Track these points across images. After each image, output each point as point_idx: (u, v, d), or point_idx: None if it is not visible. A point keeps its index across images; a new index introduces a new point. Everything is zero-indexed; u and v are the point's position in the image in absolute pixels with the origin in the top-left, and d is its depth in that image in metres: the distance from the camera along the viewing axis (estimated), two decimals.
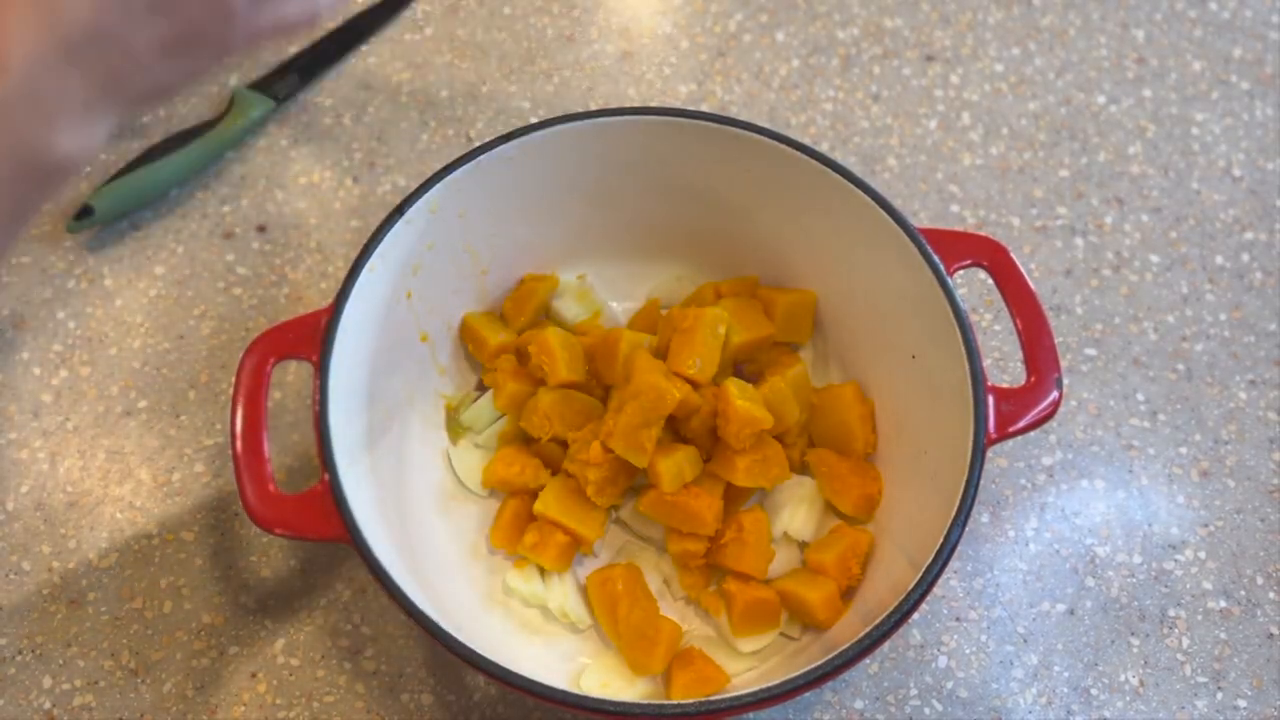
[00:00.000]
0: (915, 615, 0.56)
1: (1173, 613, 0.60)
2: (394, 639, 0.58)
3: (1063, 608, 0.60)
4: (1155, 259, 0.71)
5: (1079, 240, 0.72)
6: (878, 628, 0.46)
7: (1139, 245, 0.72)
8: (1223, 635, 0.59)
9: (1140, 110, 0.78)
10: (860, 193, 0.56)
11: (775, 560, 0.57)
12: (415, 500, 0.58)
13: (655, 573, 0.59)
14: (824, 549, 0.57)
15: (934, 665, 0.58)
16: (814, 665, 0.46)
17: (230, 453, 0.62)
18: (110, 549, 0.60)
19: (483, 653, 0.46)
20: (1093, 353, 0.68)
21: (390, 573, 0.47)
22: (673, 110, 0.58)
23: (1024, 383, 0.53)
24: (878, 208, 0.55)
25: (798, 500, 0.59)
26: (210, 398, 0.64)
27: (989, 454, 0.50)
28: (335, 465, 0.49)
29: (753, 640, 0.56)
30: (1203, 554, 0.61)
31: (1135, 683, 0.58)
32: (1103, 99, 0.78)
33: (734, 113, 0.76)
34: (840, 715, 0.57)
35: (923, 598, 0.47)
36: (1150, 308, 0.69)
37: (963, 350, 0.52)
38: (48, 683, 0.56)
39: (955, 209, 0.73)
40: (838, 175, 0.56)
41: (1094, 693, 0.57)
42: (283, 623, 0.58)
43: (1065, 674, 0.58)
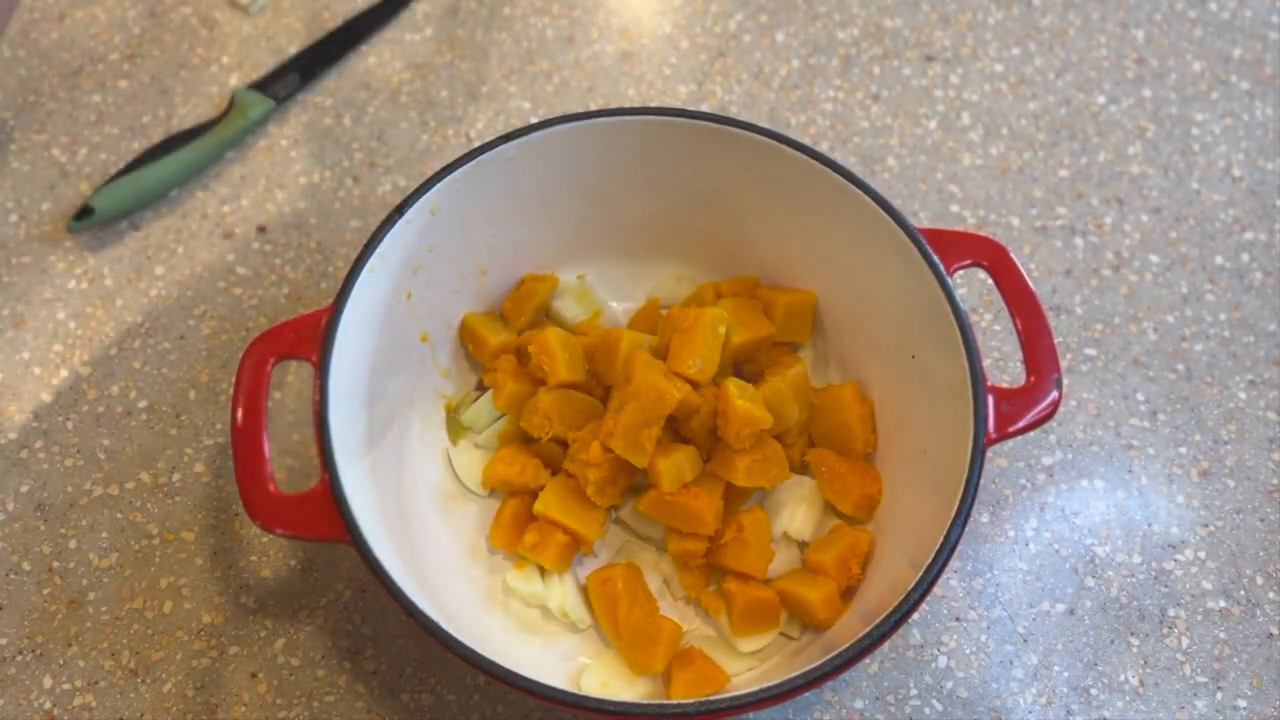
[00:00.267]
0: (915, 615, 0.56)
1: (1172, 613, 0.60)
2: (394, 639, 0.58)
3: (1063, 608, 0.60)
4: (1155, 259, 0.71)
5: (1079, 240, 0.72)
6: (878, 628, 0.46)
7: (1139, 245, 0.72)
8: (1222, 635, 0.59)
9: (1140, 110, 0.78)
10: (860, 193, 0.56)
11: (775, 560, 0.57)
12: (415, 500, 0.58)
13: (655, 573, 0.59)
14: (824, 549, 0.57)
15: (934, 665, 0.58)
16: (814, 665, 0.46)
17: (230, 453, 0.62)
18: (110, 549, 0.60)
19: (483, 653, 0.46)
20: (1093, 353, 0.68)
21: (390, 573, 0.47)
22: (673, 110, 0.58)
23: (1024, 383, 0.53)
24: (878, 208, 0.55)
25: (798, 500, 0.59)
26: (210, 398, 0.64)
27: (989, 454, 0.50)
28: (335, 465, 0.49)
29: (753, 640, 0.56)
30: (1202, 554, 0.61)
31: (1135, 683, 0.58)
32: (1103, 99, 0.78)
33: (734, 113, 0.76)
34: (840, 715, 0.57)
35: (923, 598, 0.47)
36: (1150, 308, 0.69)
37: (963, 350, 0.52)
38: (48, 683, 0.56)
39: (955, 209, 0.73)
40: (838, 175, 0.56)
41: (1094, 693, 0.57)
42: (283, 623, 0.58)
43: (1065, 674, 0.58)
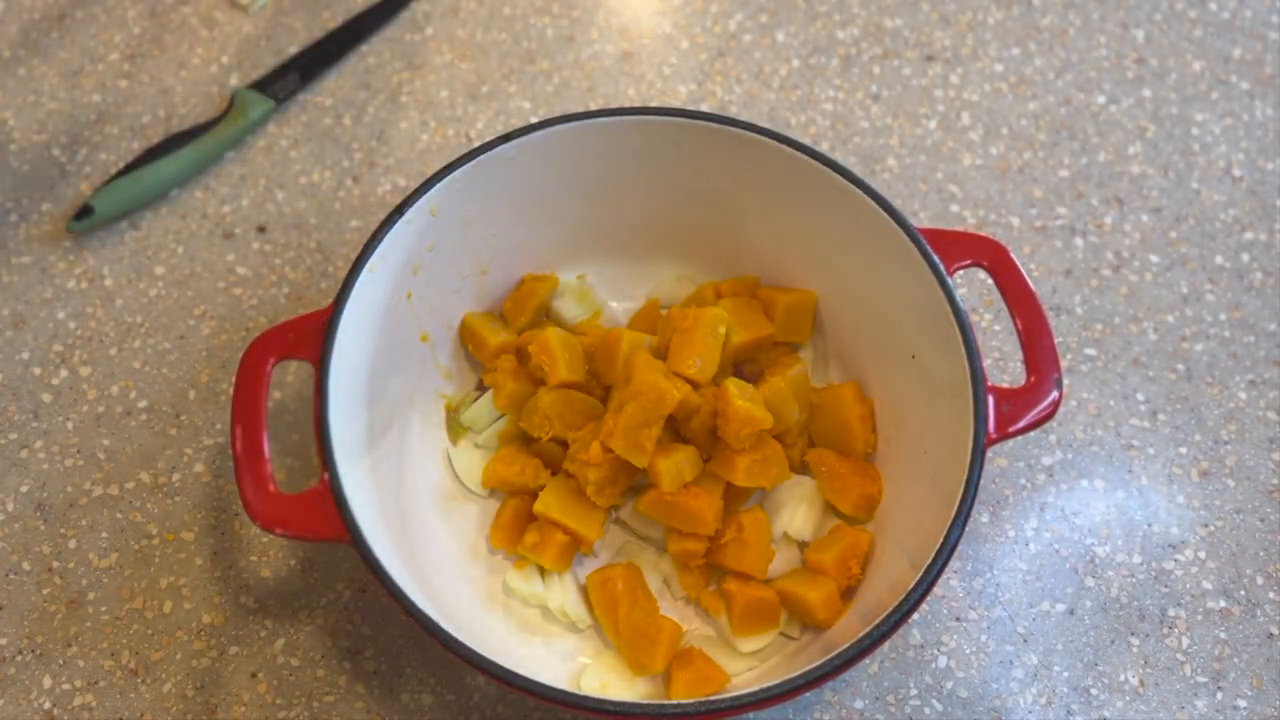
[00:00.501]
0: (915, 615, 0.56)
1: (1173, 613, 0.60)
2: (394, 639, 0.58)
3: (1063, 608, 0.60)
4: (1155, 259, 0.71)
5: (1079, 240, 0.72)
6: (878, 628, 0.46)
7: (1139, 245, 0.72)
8: (1223, 635, 0.59)
9: (1140, 110, 0.78)
10: (860, 193, 0.56)
11: (775, 560, 0.57)
12: (415, 500, 0.58)
13: (655, 573, 0.59)
14: (824, 549, 0.57)
15: (934, 665, 0.58)
16: (814, 665, 0.46)
17: (230, 453, 0.62)
18: (110, 549, 0.60)
19: (483, 653, 0.46)
20: (1093, 353, 0.68)
21: (390, 573, 0.47)
22: (673, 110, 0.58)
23: (1024, 383, 0.53)
24: (878, 208, 0.55)
25: (798, 500, 0.59)
26: (210, 398, 0.64)
27: (989, 454, 0.50)
28: (335, 465, 0.49)
29: (753, 640, 0.56)
30: (1203, 554, 0.61)
31: (1135, 683, 0.58)
32: (1103, 99, 0.78)
33: (734, 113, 0.76)
34: (840, 715, 0.57)
35: (923, 598, 0.47)
36: (1150, 308, 0.69)
37: (963, 350, 0.52)
38: (48, 683, 0.56)
39: (955, 209, 0.73)
40: (838, 175, 0.56)
41: (1094, 693, 0.57)
42: (283, 623, 0.58)
43: (1065, 674, 0.58)
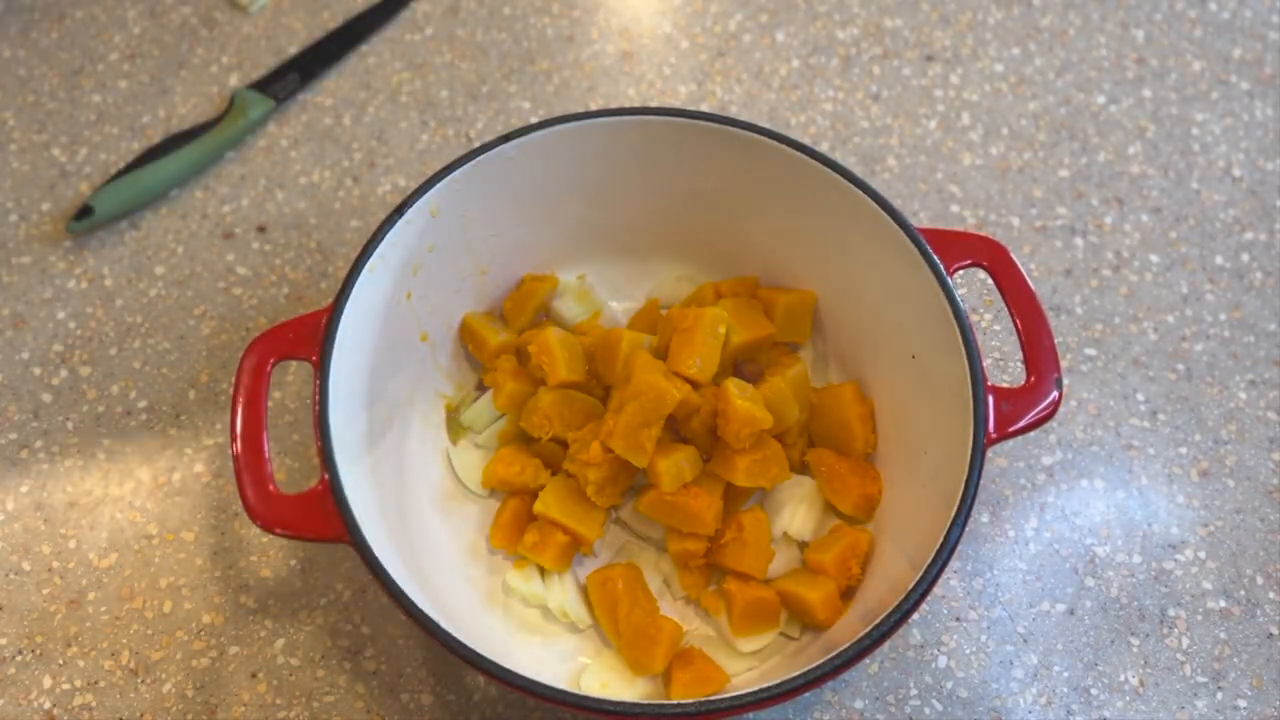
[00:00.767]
0: (915, 615, 0.56)
1: (1173, 613, 0.60)
2: (394, 639, 0.58)
3: (1063, 608, 0.60)
4: (1155, 259, 0.71)
5: (1079, 240, 0.72)
6: (878, 628, 0.46)
7: (1139, 245, 0.72)
8: (1223, 635, 0.59)
9: (1140, 110, 0.78)
10: (860, 193, 0.56)
11: (775, 560, 0.57)
12: (415, 500, 0.58)
13: (655, 573, 0.59)
14: (824, 549, 0.57)
15: (934, 665, 0.58)
16: (814, 665, 0.46)
17: (230, 453, 0.62)
18: (110, 549, 0.60)
19: (483, 653, 0.46)
20: (1093, 353, 0.68)
21: (390, 573, 0.47)
22: (673, 110, 0.58)
23: (1024, 383, 0.53)
24: (878, 208, 0.55)
25: (798, 500, 0.59)
26: (210, 398, 0.64)
27: (989, 454, 0.50)
28: (335, 465, 0.49)
29: (753, 640, 0.56)
30: (1203, 554, 0.61)
31: (1135, 683, 0.58)
32: (1103, 99, 0.78)
33: (734, 113, 0.76)
34: (840, 715, 0.57)
35: (923, 598, 0.47)
36: (1150, 308, 0.69)
37: (963, 350, 0.52)
38: (48, 683, 0.56)
39: (955, 209, 0.73)
40: (838, 175, 0.56)
41: (1094, 693, 0.57)
42: (283, 623, 0.58)
43: (1065, 674, 0.58)
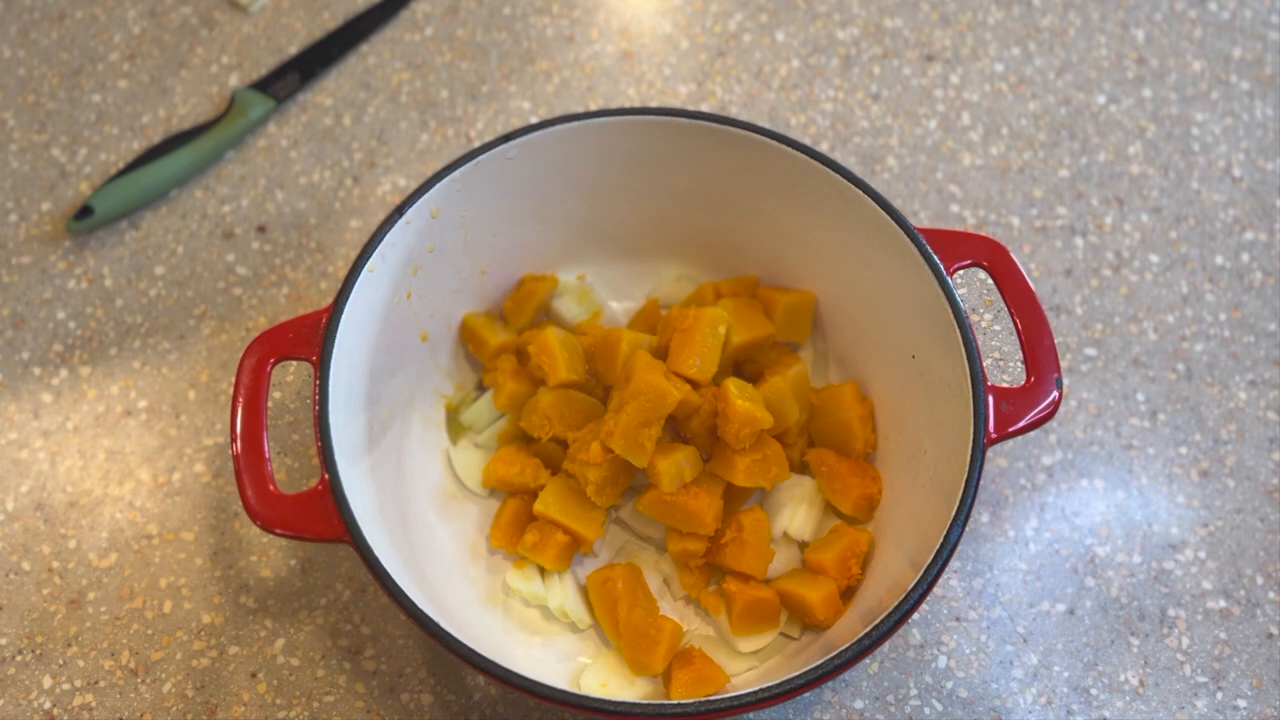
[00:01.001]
0: (915, 615, 0.56)
1: (1173, 613, 0.60)
2: (394, 639, 0.58)
3: (1063, 608, 0.60)
4: (1155, 259, 0.71)
5: (1079, 240, 0.72)
6: (878, 628, 0.46)
7: (1139, 245, 0.72)
8: (1223, 635, 0.59)
9: (1140, 110, 0.78)
10: (860, 193, 0.56)
11: (775, 560, 0.57)
12: (415, 500, 0.58)
13: (655, 573, 0.59)
14: (824, 549, 0.57)
15: (934, 665, 0.58)
16: (814, 665, 0.46)
17: (230, 453, 0.62)
18: (110, 549, 0.60)
19: (483, 653, 0.46)
20: (1093, 353, 0.68)
21: (390, 573, 0.47)
22: (673, 110, 0.58)
23: (1024, 383, 0.53)
24: (878, 208, 0.55)
25: (798, 500, 0.59)
26: (210, 398, 0.64)
27: (989, 454, 0.50)
28: (335, 465, 0.49)
29: (753, 640, 0.56)
30: (1203, 554, 0.61)
31: (1135, 683, 0.58)
32: (1103, 99, 0.78)
33: (734, 113, 0.76)
34: (840, 715, 0.57)
35: (923, 598, 0.47)
36: (1150, 308, 0.69)
37: (963, 350, 0.52)
38: (48, 683, 0.56)
39: (955, 209, 0.73)
40: (838, 175, 0.56)
41: (1094, 693, 0.57)
42: (283, 623, 0.58)
43: (1065, 674, 0.58)
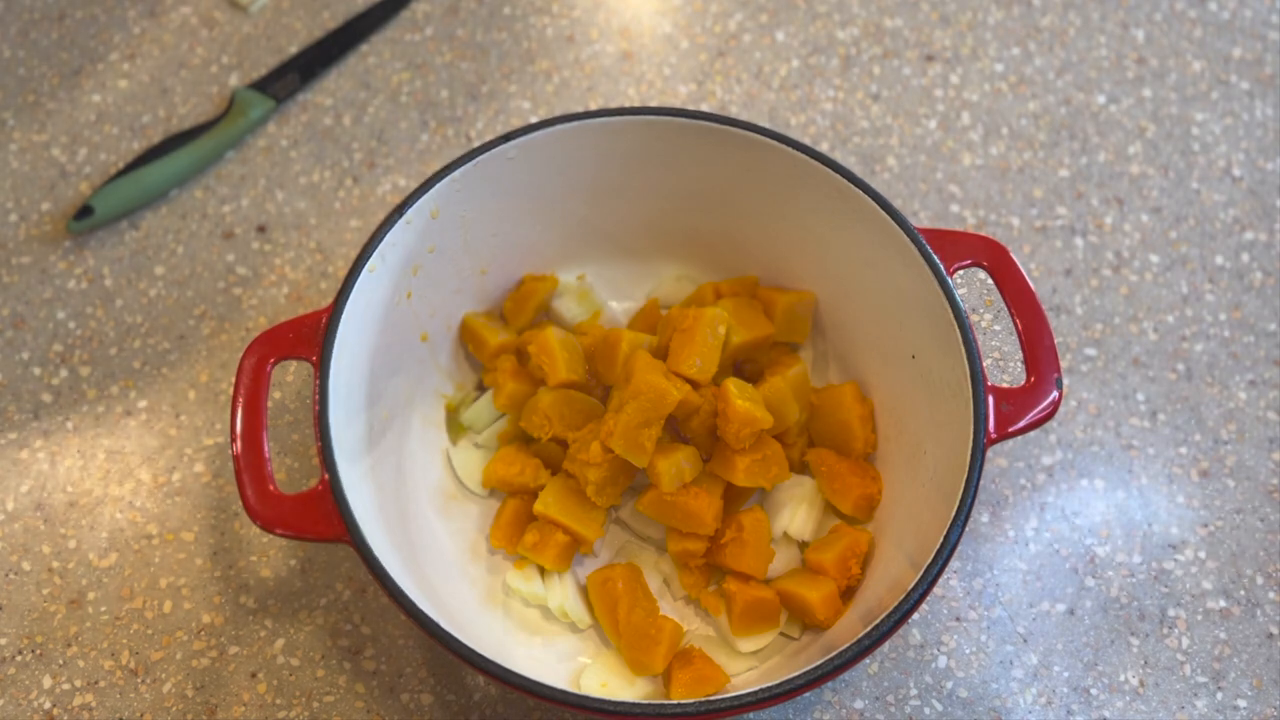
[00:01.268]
0: (915, 615, 0.56)
1: (1172, 613, 0.60)
2: (394, 639, 0.58)
3: (1063, 608, 0.60)
4: (1155, 259, 0.71)
5: (1079, 240, 0.72)
6: (878, 628, 0.46)
7: (1139, 245, 0.72)
8: (1223, 635, 0.59)
9: (1140, 110, 0.78)
10: (860, 193, 0.56)
11: (775, 560, 0.57)
12: (415, 500, 0.58)
13: (655, 573, 0.59)
14: (824, 549, 0.57)
15: (934, 665, 0.58)
16: (814, 665, 0.46)
17: (230, 453, 0.62)
18: (110, 549, 0.60)
19: (483, 653, 0.46)
20: (1093, 353, 0.68)
21: (390, 573, 0.47)
22: (673, 110, 0.58)
23: (1024, 383, 0.53)
24: (878, 208, 0.55)
25: (798, 500, 0.59)
26: (210, 398, 0.64)
27: (989, 454, 0.50)
28: (335, 465, 0.49)
29: (753, 640, 0.56)
30: (1203, 554, 0.61)
31: (1135, 683, 0.58)
32: (1103, 99, 0.78)
33: (734, 113, 0.76)
34: (840, 715, 0.57)
35: (923, 598, 0.47)
36: (1150, 308, 0.69)
37: (963, 350, 0.52)
38: (48, 683, 0.56)
39: (955, 209, 0.73)
40: (838, 175, 0.56)
41: (1094, 693, 0.57)
42: (283, 623, 0.58)
43: (1065, 674, 0.58)
